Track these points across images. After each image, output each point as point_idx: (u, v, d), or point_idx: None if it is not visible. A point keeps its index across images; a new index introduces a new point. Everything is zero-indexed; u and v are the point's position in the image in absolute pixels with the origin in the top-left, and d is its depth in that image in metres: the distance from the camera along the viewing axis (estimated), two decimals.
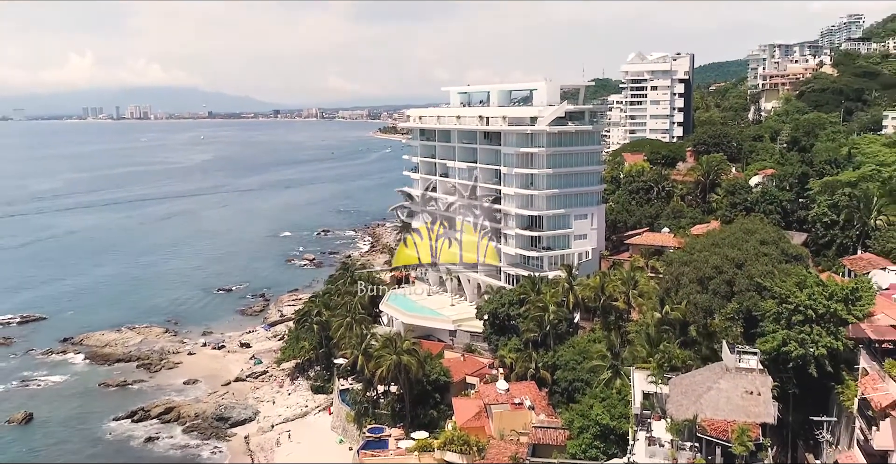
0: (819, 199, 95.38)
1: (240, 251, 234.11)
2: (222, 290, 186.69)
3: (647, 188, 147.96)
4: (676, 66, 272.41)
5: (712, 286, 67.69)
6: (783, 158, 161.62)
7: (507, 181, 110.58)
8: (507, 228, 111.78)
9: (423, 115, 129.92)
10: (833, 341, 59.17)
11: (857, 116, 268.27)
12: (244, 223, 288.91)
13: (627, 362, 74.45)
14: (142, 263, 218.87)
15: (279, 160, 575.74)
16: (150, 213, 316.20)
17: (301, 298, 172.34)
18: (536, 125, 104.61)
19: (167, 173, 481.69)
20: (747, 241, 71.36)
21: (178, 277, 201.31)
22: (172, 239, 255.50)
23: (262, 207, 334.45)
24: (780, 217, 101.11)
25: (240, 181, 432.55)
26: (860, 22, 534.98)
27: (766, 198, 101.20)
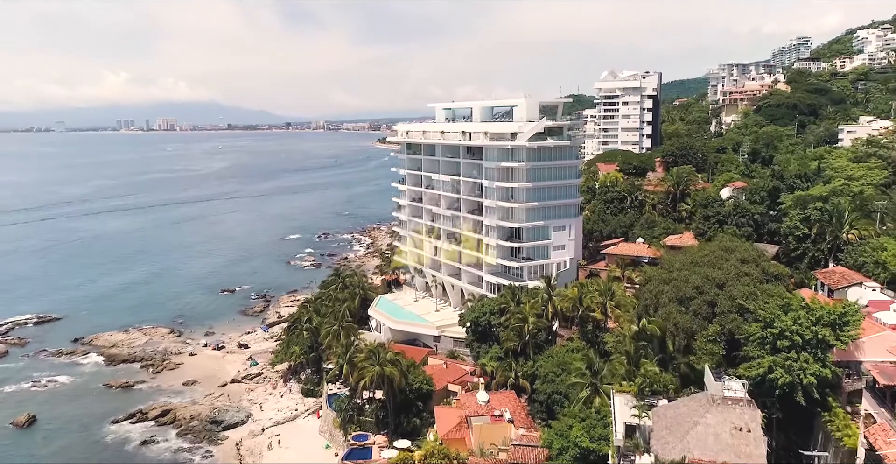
0: (791, 213, 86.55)
1: (247, 253, 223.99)
2: (227, 291, 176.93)
3: (621, 198, 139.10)
4: (646, 84, 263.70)
5: (693, 307, 58.89)
6: (748, 169, 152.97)
7: (489, 194, 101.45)
8: (488, 238, 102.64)
9: (410, 129, 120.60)
10: (821, 369, 50.39)
11: (810, 129, 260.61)
12: (253, 227, 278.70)
13: (606, 379, 65.68)
14: (157, 264, 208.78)
15: (288, 168, 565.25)
16: (168, 217, 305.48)
17: (299, 299, 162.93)
18: (516, 140, 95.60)
19: (187, 180, 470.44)
20: (727, 259, 62.52)
21: (188, 278, 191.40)
22: (186, 242, 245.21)
23: (271, 211, 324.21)
24: (752, 229, 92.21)
25: (252, 187, 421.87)
26: (808, 44, 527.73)
27: (739, 211, 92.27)
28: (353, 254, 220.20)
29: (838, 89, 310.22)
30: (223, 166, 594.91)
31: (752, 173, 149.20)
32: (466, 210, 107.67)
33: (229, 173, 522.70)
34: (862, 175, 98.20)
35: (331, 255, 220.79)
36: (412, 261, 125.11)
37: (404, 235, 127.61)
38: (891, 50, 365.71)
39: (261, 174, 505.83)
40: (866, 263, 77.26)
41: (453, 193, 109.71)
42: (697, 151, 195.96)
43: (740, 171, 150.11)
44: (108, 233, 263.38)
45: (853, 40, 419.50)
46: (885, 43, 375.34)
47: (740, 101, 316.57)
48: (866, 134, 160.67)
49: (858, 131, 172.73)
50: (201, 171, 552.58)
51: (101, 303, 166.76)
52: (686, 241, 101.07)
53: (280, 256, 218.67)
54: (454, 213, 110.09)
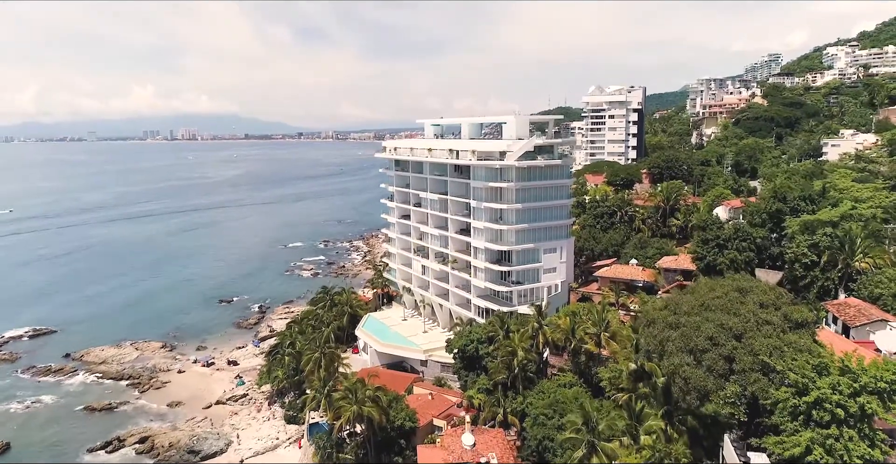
0: (798, 238, 73.57)
1: (249, 261, 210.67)
2: (224, 301, 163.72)
3: (611, 213, 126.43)
4: (631, 98, 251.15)
5: (707, 362, 45.88)
6: (736, 183, 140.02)
7: (477, 215, 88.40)
8: (476, 260, 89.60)
9: (398, 146, 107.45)
10: (869, 451, 37.30)
11: (788, 141, 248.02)
12: (258, 234, 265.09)
13: (604, 435, 52.83)
14: (159, 273, 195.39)
15: (296, 175, 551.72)
16: (179, 224, 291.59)
17: (293, 310, 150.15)
18: (505, 160, 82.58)
19: (201, 187, 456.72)
20: (743, 302, 49.49)
21: (188, 288, 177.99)
22: (191, 250, 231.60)
23: (276, 218, 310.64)
24: (754, 254, 79.27)
25: (261, 194, 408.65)
26: (779, 60, 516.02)
27: (739, 235, 79.34)
28: (350, 262, 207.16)
29: (812, 103, 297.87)
30: (236, 174, 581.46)
31: (740, 187, 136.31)
32: (454, 230, 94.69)
33: (241, 181, 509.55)
34: (869, 197, 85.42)
35: (329, 263, 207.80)
36: (401, 278, 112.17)
37: (393, 252, 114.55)
38: (859, 65, 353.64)
39: (270, 182, 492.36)
40: (883, 296, 64.48)
41: (441, 212, 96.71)
42: (683, 163, 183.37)
43: (728, 185, 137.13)
44: (120, 241, 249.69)
45: (823, 56, 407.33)
46: (853, 59, 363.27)
47: (719, 114, 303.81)
48: (853, 148, 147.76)
49: (843, 145, 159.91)
50: (216, 178, 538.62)
51: (100, 314, 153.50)
52: (682, 263, 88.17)
53: (280, 265, 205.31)
54: (442, 232, 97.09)
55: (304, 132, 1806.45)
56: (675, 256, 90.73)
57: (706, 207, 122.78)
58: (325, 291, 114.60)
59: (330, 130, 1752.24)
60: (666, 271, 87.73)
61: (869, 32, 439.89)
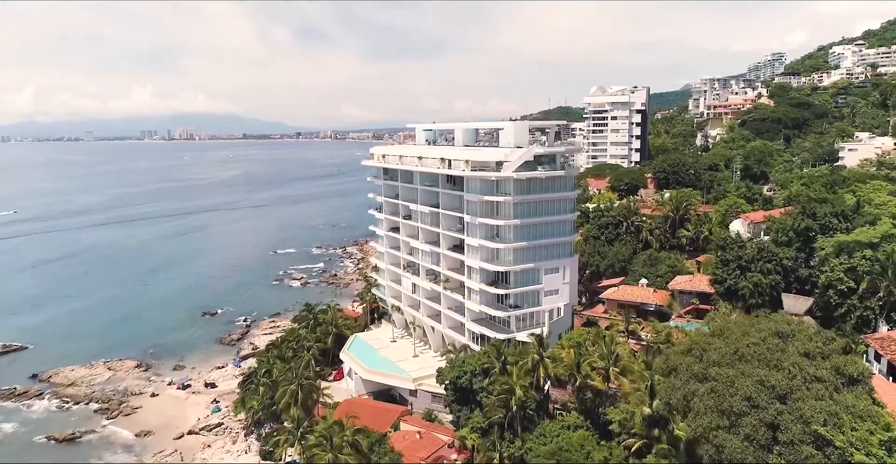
0: (832, 261, 65.26)
1: (237, 269, 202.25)
2: (208, 314, 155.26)
3: (617, 223, 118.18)
4: (634, 98, 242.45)
5: (746, 429, 37.61)
6: (749, 190, 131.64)
7: (471, 231, 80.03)
8: (470, 281, 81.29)
9: (387, 153, 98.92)
10: None
11: (796, 143, 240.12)
12: (249, 239, 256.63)
13: None
14: (144, 282, 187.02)
15: (293, 176, 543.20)
16: (170, 228, 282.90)
17: (279, 325, 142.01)
18: (502, 171, 74.20)
19: (196, 189, 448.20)
20: (784, 350, 41.23)
21: (172, 298, 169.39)
22: (180, 256, 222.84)
23: (269, 222, 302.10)
24: (780, 277, 70.98)
25: (256, 196, 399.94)
26: (782, 59, 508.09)
27: (764, 255, 71.03)
28: (342, 270, 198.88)
29: (820, 103, 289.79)
30: (232, 175, 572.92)
31: (753, 196, 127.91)
32: (447, 246, 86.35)
33: (237, 182, 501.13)
34: None
35: (321, 271, 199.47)
36: (390, 296, 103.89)
37: (382, 267, 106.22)
38: (867, 65, 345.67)
39: (266, 183, 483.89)
40: None
41: (432, 226, 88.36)
42: (690, 167, 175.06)
43: (741, 193, 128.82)
44: (109, 246, 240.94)
45: (828, 56, 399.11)
46: (860, 58, 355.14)
47: (724, 114, 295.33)
48: (873, 154, 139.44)
49: (860, 150, 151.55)
50: (211, 179, 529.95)
51: (77, 329, 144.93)
52: (697, 284, 79.79)
53: (270, 273, 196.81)
54: (433, 248, 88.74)
55: (303, 132, 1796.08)
56: (689, 276, 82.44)
57: (718, 218, 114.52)
58: (309, 308, 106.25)
59: (329, 130, 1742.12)
60: (680, 294, 79.48)
61: (874, 31, 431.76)
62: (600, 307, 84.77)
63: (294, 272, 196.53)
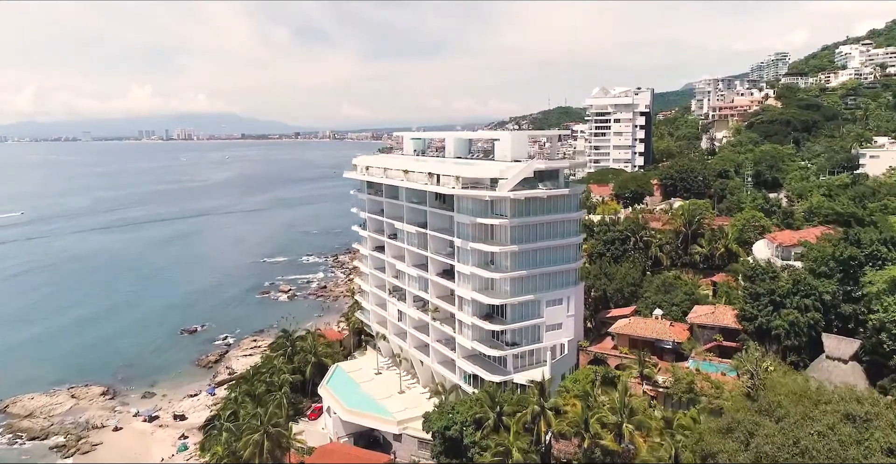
0: (885, 299, 55.45)
1: (222, 280, 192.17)
2: (186, 331, 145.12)
3: (624, 238, 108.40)
4: (638, 100, 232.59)
5: None
6: (766, 202, 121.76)
7: (462, 257, 70.11)
8: (461, 313, 71.39)
9: (371, 164, 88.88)
10: None
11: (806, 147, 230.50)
12: (239, 247, 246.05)
13: None
14: (122, 295, 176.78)
15: (289, 178, 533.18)
16: (157, 234, 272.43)
17: (260, 345, 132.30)
18: (498, 189, 64.25)
19: (188, 192, 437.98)
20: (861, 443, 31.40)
21: (150, 314, 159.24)
22: (164, 266, 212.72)
23: (261, 228, 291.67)
24: (821, 316, 61.15)
25: (249, 200, 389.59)
26: (786, 59, 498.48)
27: (801, 289, 61.19)
28: (332, 282, 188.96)
29: (829, 105, 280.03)
30: (227, 177, 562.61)
31: (771, 208, 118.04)
32: (436, 271, 76.46)
33: (231, 184, 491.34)
34: None
35: (308, 282, 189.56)
36: (375, 321, 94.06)
37: (366, 289, 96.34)
38: (875, 65, 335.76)
39: (260, 185, 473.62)
40: None
41: (420, 248, 78.48)
42: (698, 174, 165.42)
43: (757, 204, 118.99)
44: (90, 255, 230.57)
45: (834, 55, 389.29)
46: (868, 58, 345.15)
47: (730, 116, 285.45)
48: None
49: (883, 157, 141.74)
50: (205, 182, 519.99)
51: (44, 350, 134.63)
52: (721, 318, 69.81)
53: (256, 285, 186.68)
54: (420, 273, 78.87)
55: (302, 132, 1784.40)
56: (710, 308, 72.51)
57: (735, 233, 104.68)
58: (286, 335, 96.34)
59: (327, 130, 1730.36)
60: (700, 328, 69.66)
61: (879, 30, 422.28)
62: (609, 342, 74.99)
63: (282, 283, 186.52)
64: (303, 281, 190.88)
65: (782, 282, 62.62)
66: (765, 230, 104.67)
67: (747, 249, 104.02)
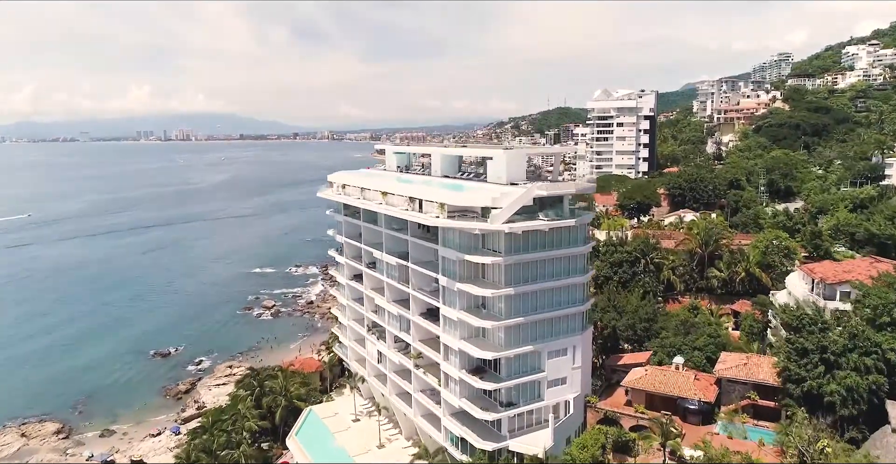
0: None
1: (205, 294, 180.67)
2: (158, 354, 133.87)
3: (633, 260, 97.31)
4: (642, 103, 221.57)
5: None
6: (789, 219, 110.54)
7: (448, 298, 58.87)
8: (447, 365, 60.18)
9: (347, 183, 77.53)
10: None
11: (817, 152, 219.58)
12: (225, 256, 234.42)
13: None
14: (95, 312, 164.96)
15: (284, 181, 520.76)
16: (141, 243, 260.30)
17: (235, 373, 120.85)
18: (490, 221, 52.97)
19: (179, 195, 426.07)
20: None
21: (123, 333, 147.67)
22: (144, 278, 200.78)
23: (250, 235, 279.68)
24: (885, 379, 50.03)
25: (240, 204, 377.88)
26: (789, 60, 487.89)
27: (860, 345, 50.02)
28: (321, 296, 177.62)
29: (839, 107, 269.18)
30: (221, 179, 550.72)
31: (795, 226, 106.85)
32: (419, 311, 65.27)
33: (224, 187, 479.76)
34: None
35: (296, 297, 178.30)
36: (353, 359, 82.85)
37: (344, 322, 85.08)
38: (884, 65, 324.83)
39: (254, 189, 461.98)
40: None
41: (401, 282, 67.25)
42: (708, 183, 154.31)
43: (779, 222, 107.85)
44: (69, 265, 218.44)
45: (841, 56, 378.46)
46: (876, 59, 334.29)
47: (737, 119, 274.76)
48: None
49: None
50: (198, 184, 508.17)
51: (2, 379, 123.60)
52: (755, 372, 58.50)
53: (240, 299, 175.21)
54: (401, 311, 67.63)
55: (301, 132, 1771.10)
56: (741, 356, 61.20)
57: (757, 256, 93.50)
58: (254, 374, 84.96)
59: (326, 130, 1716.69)
60: (730, 382, 58.48)
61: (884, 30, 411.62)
62: (621, 394, 63.84)
63: (267, 298, 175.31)
64: (290, 295, 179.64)
65: (835, 335, 51.51)
66: (790, 253, 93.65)
67: (771, 274, 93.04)
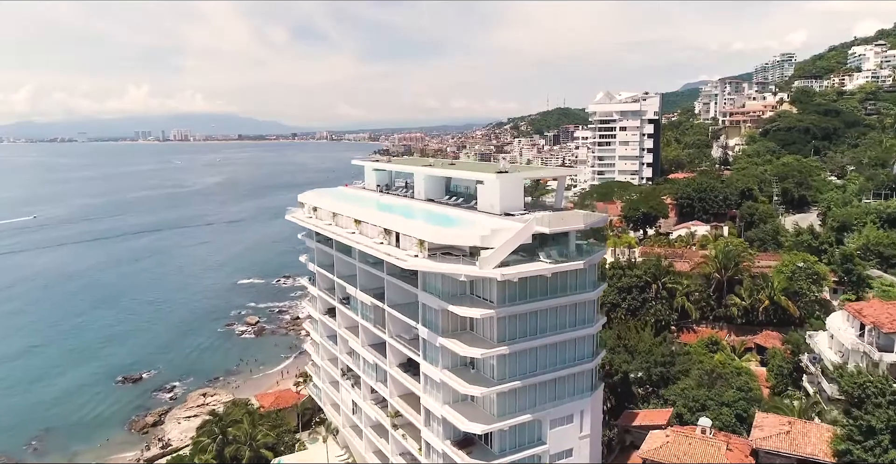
0: None
1: (184, 310, 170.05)
2: (129, 380, 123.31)
3: (643, 285, 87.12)
4: (646, 106, 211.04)
5: None
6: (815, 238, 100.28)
7: (430, 353, 48.50)
8: (428, 432, 49.86)
9: (319, 205, 67.14)
10: None
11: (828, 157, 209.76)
12: (212, 266, 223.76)
13: None
14: (66, 332, 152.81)
15: (279, 184, 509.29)
16: (125, 251, 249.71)
17: (209, 402, 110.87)
18: (480, 264, 42.54)
19: (171, 199, 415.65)
20: None
21: (94, 355, 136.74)
22: (123, 291, 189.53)
23: (241, 243, 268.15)
24: None
25: (231, 209, 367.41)
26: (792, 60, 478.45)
27: None
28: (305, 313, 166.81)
29: (848, 110, 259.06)
30: (215, 182, 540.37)
31: (821, 246, 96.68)
32: (397, 362, 55.01)
33: (217, 190, 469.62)
34: None
35: (281, 312, 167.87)
36: (328, 404, 72.62)
37: (318, 362, 74.81)
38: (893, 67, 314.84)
39: (247, 192, 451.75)
40: None
41: (377, 326, 56.99)
42: (719, 193, 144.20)
43: (804, 242, 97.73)
44: (46, 276, 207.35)
45: (847, 56, 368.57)
46: (883, 59, 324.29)
47: (743, 122, 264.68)
48: None
49: None
50: (191, 187, 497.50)
51: None
52: (800, 442, 48.17)
53: (222, 314, 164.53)
54: (377, 360, 57.39)
55: (299, 132, 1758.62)
56: (783, 420, 50.85)
57: (782, 282, 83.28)
58: (216, 420, 74.56)
59: (325, 131, 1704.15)
60: (768, 454, 48.28)
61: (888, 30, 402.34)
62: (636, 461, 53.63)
63: (251, 313, 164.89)
64: (275, 310, 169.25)
65: None
66: (820, 278, 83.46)
67: (798, 302, 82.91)
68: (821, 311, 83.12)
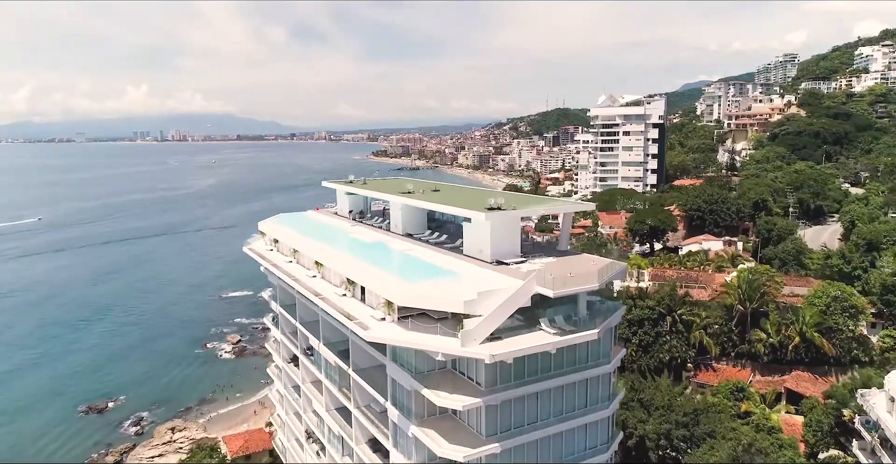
0: None
1: (160, 328, 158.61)
2: (93, 410, 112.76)
3: (657, 317, 76.85)
4: (650, 110, 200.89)
5: None
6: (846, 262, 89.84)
7: (401, 442, 38.08)
8: None
9: (279, 237, 56.60)
10: None
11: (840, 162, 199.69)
12: (196, 276, 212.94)
13: None
14: (34, 351, 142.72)
15: (274, 186, 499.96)
16: (108, 259, 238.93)
17: (175, 438, 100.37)
18: (462, 339, 32.06)
19: (163, 202, 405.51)
20: None
21: (57, 380, 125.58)
22: (100, 306, 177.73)
23: (229, 251, 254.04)
24: None
25: (224, 213, 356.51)
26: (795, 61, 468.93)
27: None
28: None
29: (859, 113, 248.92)
30: (210, 184, 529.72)
31: (854, 271, 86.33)
32: (364, 438, 44.58)
33: (211, 193, 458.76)
34: None
35: (265, 329, 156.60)
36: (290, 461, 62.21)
37: (282, 416, 64.39)
38: None
39: (242, 195, 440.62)
40: None
41: (341, 391, 46.60)
42: (731, 205, 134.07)
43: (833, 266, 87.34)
44: (17, 289, 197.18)
45: (854, 57, 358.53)
46: (892, 60, 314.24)
47: (749, 126, 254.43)
48: None
49: None
50: (185, 190, 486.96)
51: None
52: None
53: (202, 331, 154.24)
54: (342, 431, 46.98)
55: (298, 133, 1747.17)
56: None
57: (815, 317, 73.00)
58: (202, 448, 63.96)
59: (323, 131, 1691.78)
60: None
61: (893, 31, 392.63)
62: None
63: (233, 331, 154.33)
64: (258, 327, 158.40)
65: None
66: (858, 312, 73.19)
67: (833, 339, 72.66)
68: (858, 349, 73.02)
